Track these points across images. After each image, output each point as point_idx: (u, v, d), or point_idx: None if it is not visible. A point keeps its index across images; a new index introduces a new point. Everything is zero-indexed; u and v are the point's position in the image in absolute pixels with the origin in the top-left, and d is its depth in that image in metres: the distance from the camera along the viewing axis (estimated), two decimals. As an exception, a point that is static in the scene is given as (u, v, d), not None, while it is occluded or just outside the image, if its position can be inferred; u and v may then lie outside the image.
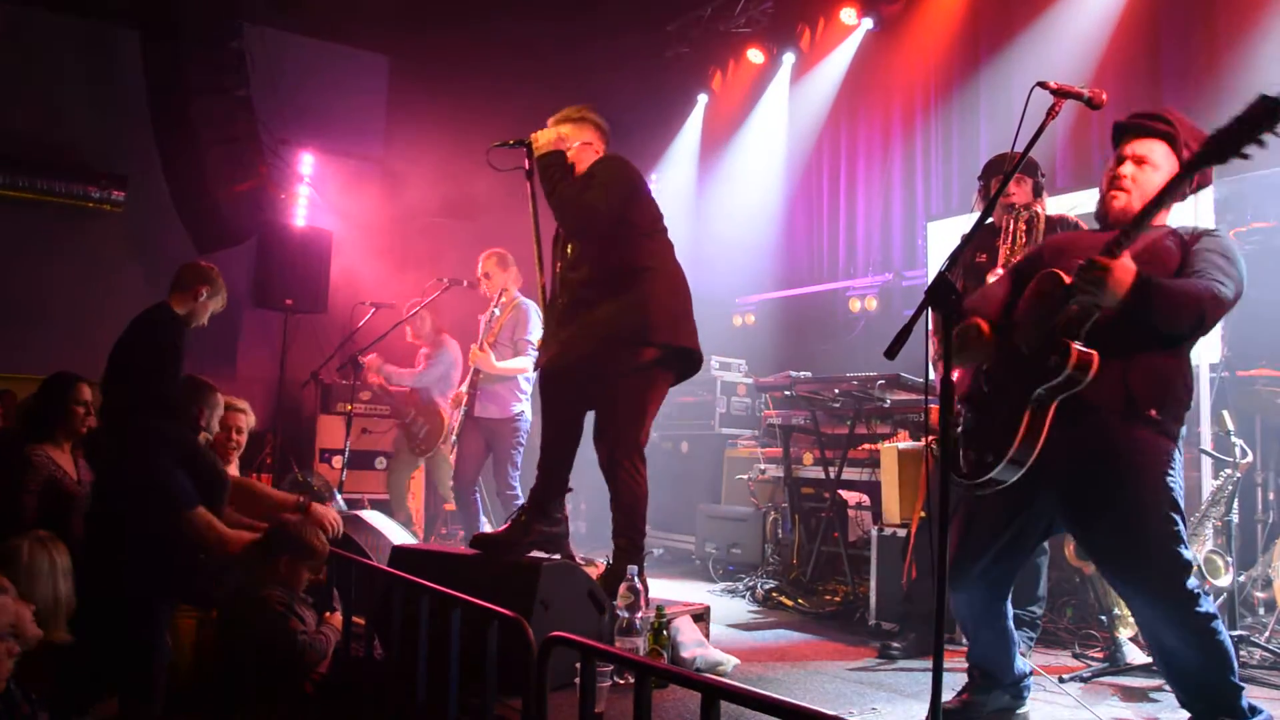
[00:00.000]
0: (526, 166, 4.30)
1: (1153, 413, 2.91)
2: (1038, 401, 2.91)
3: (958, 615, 3.34)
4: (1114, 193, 3.13)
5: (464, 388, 6.48)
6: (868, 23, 8.52)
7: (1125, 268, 2.78)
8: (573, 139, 4.25)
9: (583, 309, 4.06)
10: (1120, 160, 3.17)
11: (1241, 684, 2.87)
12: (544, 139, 4.20)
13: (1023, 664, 3.37)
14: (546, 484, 4.08)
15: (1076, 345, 2.84)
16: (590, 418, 4.26)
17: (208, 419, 4.45)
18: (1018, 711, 3.37)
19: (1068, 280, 2.87)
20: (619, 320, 3.97)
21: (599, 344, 3.97)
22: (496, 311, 6.28)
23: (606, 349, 3.98)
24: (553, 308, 4.29)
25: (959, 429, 3.12)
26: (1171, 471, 2.91)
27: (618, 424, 4.12)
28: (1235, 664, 2.87)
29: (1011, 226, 4.29)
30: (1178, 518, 2.87)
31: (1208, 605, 2.82)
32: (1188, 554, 2.84)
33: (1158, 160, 3.11)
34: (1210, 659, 2.82)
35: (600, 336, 3.97)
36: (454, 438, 6.48)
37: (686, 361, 4.19)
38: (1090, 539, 3.05)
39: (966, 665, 3.39)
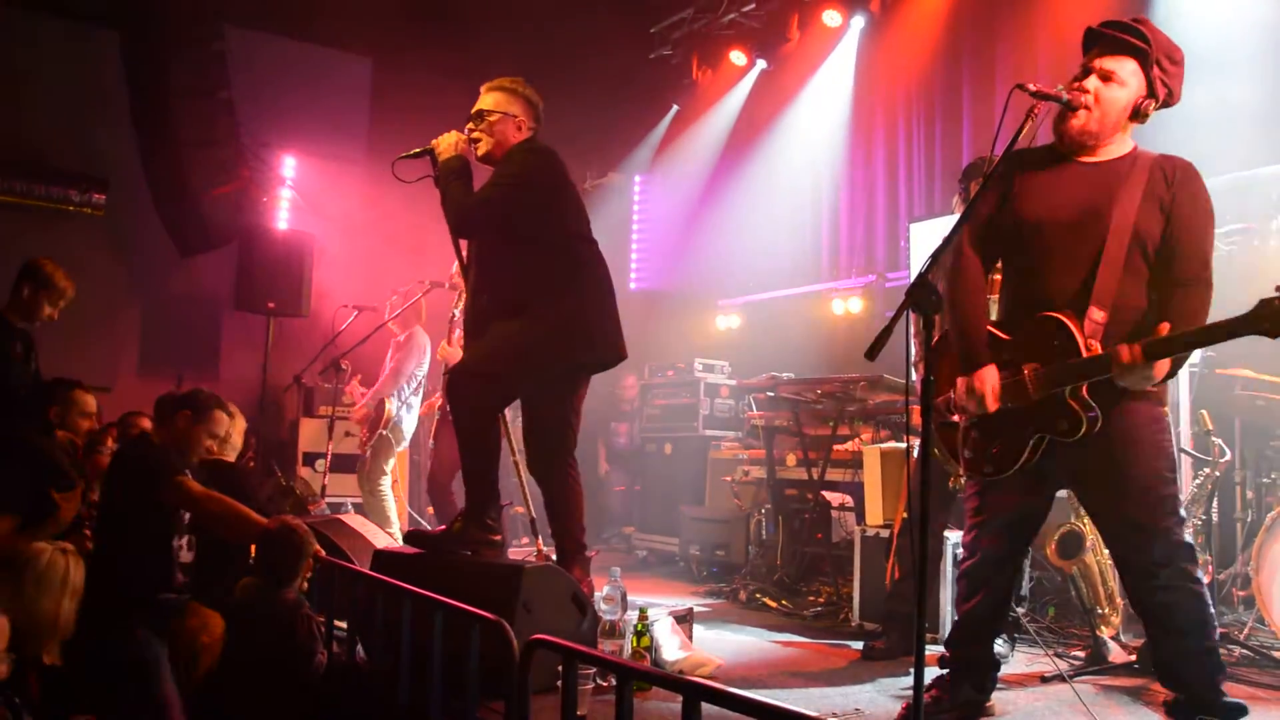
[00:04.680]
0: (435, 174, 4.18)
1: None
2: (1038, 440, 3.01)
3: (983, 584, 3.29)
4: (1075, 110, 3.05)
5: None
6: (857, 22, 8.54)
7: (1161, 369, 2.86)
8: (496, 107, 4.14)
9: (504, 313, 3.97)
10: (1086, 73, 3.06)
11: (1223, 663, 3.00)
12: (445, 144, 4.12)
13: (1000, 648, 3.42)
14: (475, 493, 3.99)
15: (1086, 415, 2.92)
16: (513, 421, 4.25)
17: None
18: (986, 704, 3.41)
19: (1086, 353, 2.90)
20: (543, 335, 3.89)
21: (522, 355, 3.91)
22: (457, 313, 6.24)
23: (529, 360, 3.92)
24: (471, 309, 4.19)
25: (965, 426, 3.19)
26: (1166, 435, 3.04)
27: (550, 429, 4.12)
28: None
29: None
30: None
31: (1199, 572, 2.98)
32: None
33: (1125, 77, 3.02)
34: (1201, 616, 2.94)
35: (523, 348, 3.90)
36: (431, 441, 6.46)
37: (609, 363, 4.18)
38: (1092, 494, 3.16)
39: (950, 655, 3.41)
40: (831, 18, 8.54)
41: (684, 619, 4.21)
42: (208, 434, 4.10)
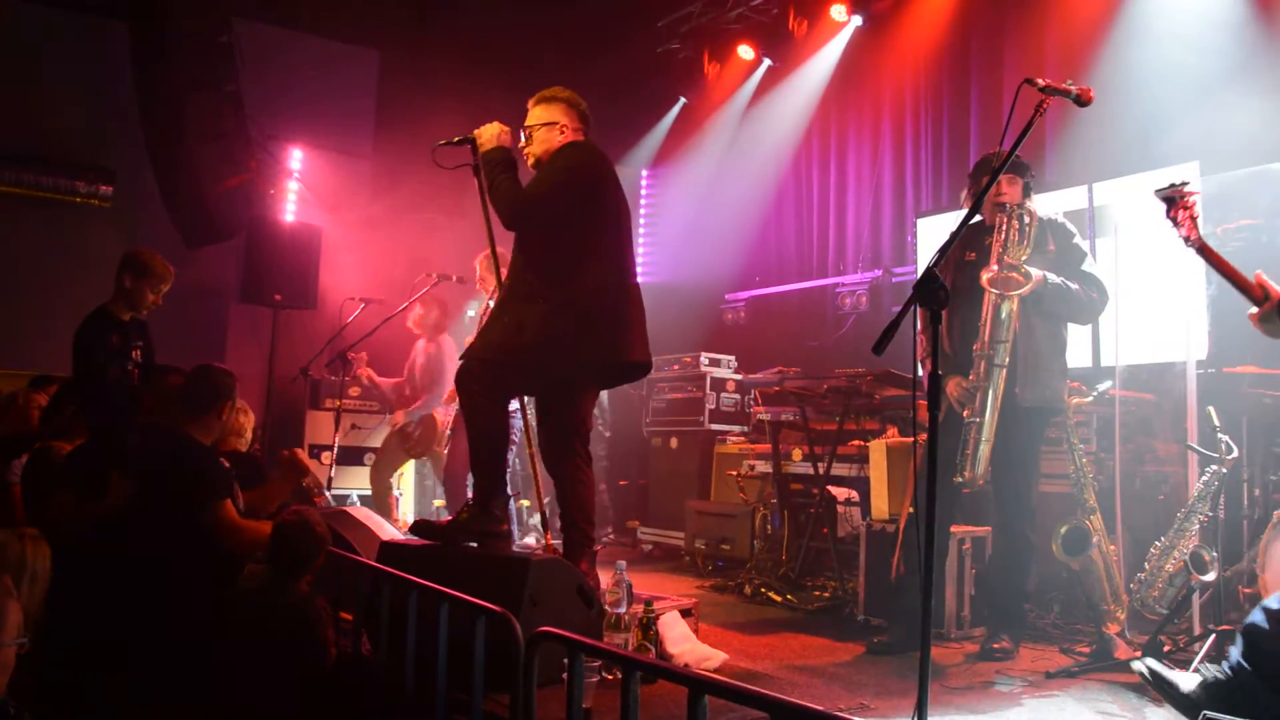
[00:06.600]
0: (473, 163, 4.22)
1: None
2: None
3: None
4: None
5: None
6: (857, 19, 8.54)
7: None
8: (538, 119, 4.15)
9: (520, 304, 3.96)
10: None
11: None
12: (487, 134, 4.12)
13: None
14: (483, 482, 4.01)
15: None
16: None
17: None
18: None
19: None
20: (556, 329, 3.86)
21: (532, 346, 3.88)
22: (491, 303, 6.24)
23: (539, 352, 3.89)
24: (504, 289, 4.19)
25: None
26: None
27: (559, 423, 4.12)
28: None
29: (1005, 225, 4.28)
30: None
31: None
32: None
33: None
34: None
35: (534, 339, 3.87)
36: (448, 432, 6.46)
37: (627, 371, 4.18)
38: None
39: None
40: (839, 12, 8.52)
41: (689, 612, 4.22)
42: (238, 409, 4.21)
